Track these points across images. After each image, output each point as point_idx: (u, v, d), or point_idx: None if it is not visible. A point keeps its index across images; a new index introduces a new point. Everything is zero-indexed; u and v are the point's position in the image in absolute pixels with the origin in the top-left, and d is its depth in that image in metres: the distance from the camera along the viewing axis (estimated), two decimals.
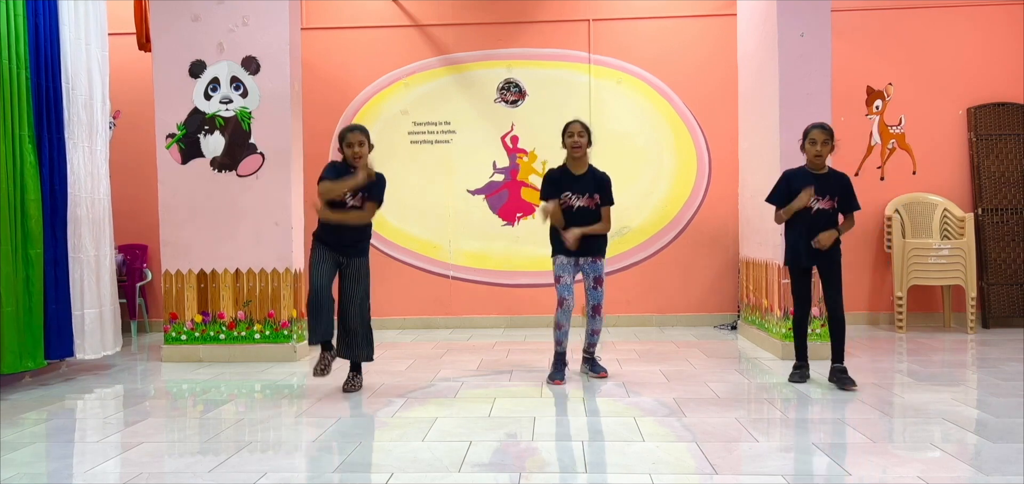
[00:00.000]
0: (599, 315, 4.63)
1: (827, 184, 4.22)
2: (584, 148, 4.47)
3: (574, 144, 4.46)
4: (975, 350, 5.51)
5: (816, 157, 4.20)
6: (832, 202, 4.22)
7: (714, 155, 7.04)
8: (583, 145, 4.46)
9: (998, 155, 6.73)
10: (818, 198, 4.18)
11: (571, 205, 4.47)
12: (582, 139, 4.46)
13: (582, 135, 4.47)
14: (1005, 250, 6.67)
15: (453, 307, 7.17)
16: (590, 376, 4.63)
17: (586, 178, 4.51)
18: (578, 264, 4.58)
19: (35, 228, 4.64)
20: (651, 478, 2.71)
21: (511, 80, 7.15)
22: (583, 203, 4.47)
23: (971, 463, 2.83)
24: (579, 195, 4.47)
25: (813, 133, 4.21)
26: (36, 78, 4.71)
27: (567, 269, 4.54)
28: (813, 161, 4.24)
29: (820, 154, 4.19)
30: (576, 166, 4.52)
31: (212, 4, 5.40)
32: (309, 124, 6.71)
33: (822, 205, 4.20)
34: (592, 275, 4.59)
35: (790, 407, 3.79)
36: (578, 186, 4.48)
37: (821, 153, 4.18)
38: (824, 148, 4.18)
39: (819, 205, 4.19)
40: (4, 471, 2.92)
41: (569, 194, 4.47)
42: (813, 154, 4.20)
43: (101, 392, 4.50)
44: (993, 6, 6.81)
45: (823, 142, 4.17)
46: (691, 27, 7.08)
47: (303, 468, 2.93)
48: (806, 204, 4.17)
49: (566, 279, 4.52)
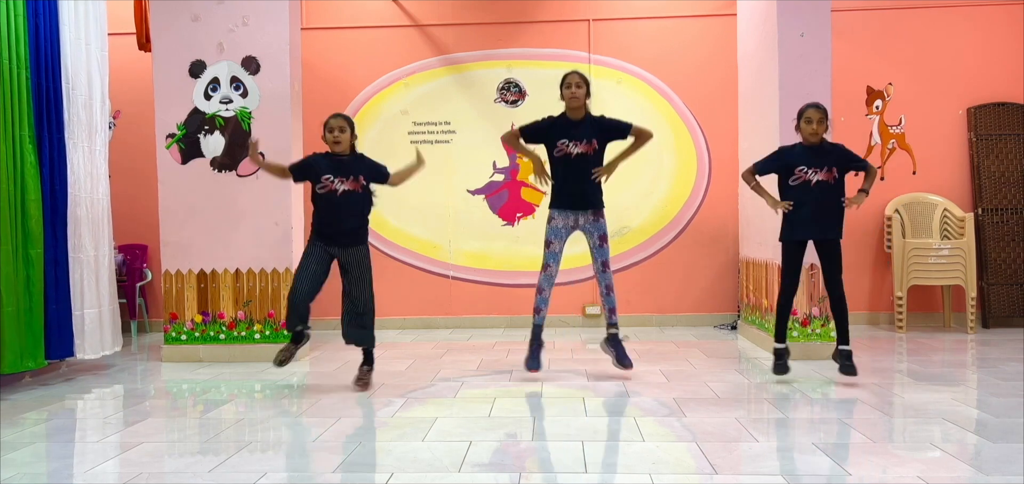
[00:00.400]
0: (609, 270, 4.48)
1: (823, 156, 4.21)
2: (582, 100, 4.36)
3: (573, 96, 4.36)
4: (975, 350, 5.51)
5: (812, 135, 4.21)
6: (831, 173, 4.20)
7: (714, 155, 7.04)
8: (581, 97, 4.36)
9: (998, 155, 6.73)
10: (817, 170, 4.18)
11: (569, 153, 4.37)
12: (581, 90, 4.35)
13: (581, 87, 4.36)
14: (1005, 250, 6.67)
15: (453, 307, 7.17)
16: (615, 366, 4.47)
17: (583, 124, 4.39)
18: (578, 223, 4.46)
19: (35, 228, 4.64)
20: (651, 478, 2.71)
21: (511, 80, 7.15)
22: (582, 149, 4.37)
23: (971, 463, 2.83)
24: (577, 142, 4.37)
25: (808, 112, 4.23)
26: (36, 78, 4.71)
27: (560, 235, 4.45)
28: (809, 139, 4.24)
29: (816, 133, 4.20)
30: (574, 115, 4.42)
31: (212, 4, 5.40)
32: (309, 124, 6.70)
33: (821, 176, 4.18)
34: (596, 234, 4.47)
35: (790, 407, 3.79)
36: (575, 132, 4.37)
37: (817, 131, 4.19)
38: (819, 126, 4.19)
39: (818, 176, 4.18)
40: (4, 471, 2.92)
41: (565, 140, 4.38)
42: (809, 132, 4.21)
43: (101, 392, 4.50)
44: (993, 6, 6.81)
45: (819, 121, 4.19)
46: (691, 27, 7.08)
47: (303, 468, 2.93)
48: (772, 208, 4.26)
49: (556, 246, 4.45)
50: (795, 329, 5.13)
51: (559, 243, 4.47)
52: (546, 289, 4.46)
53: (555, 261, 4.45)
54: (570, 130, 4.37)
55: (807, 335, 5.16)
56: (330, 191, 4.26)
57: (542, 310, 4.51)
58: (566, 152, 4.37)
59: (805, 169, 4.20)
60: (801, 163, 4.22)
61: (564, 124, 4.40)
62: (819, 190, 4.19)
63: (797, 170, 4.22)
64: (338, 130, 4.25)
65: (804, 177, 4.20)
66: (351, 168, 4.29)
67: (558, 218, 4.47)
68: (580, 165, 4.36)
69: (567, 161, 4.37)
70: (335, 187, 4.25)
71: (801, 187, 4.21)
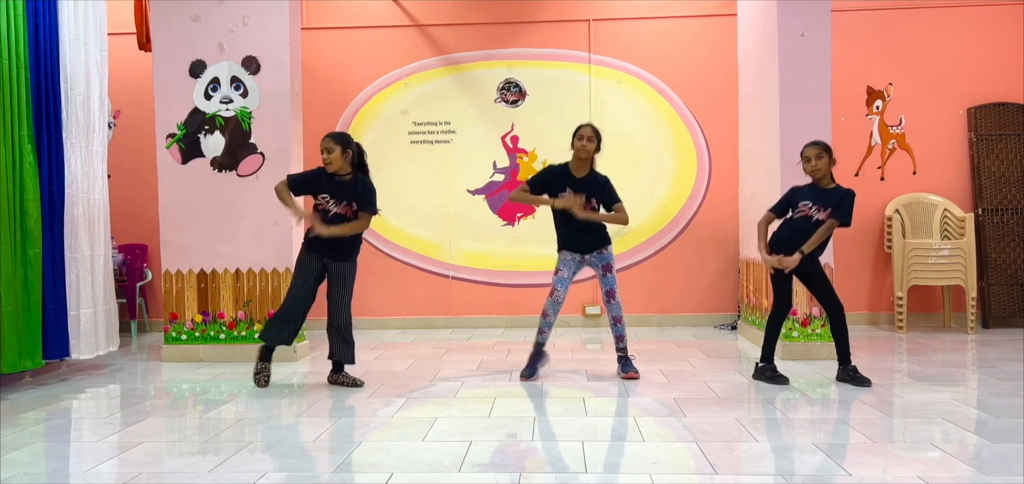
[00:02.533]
0: (614, 299, 4.57)
1: (828, 197, 4.27)
2: (592, 153, 4.46)
3: (583, 147, 4.43)
4: (975, 350, 5.51)
5: (813, 172, 4.28)
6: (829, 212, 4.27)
7: (714, 155, 7.04)
8: (591, 150, 4.45)
9: (998, 155, 6.73)
10: (821, 208, 4.25)
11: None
12: (591, 144, 4.43)
13: (592, 140, 4.44)
14: (1005, 250, 6.67)
15: (453, 307, 7.17)
16: (621, 376, 4.56)
17: (586, 181, 4.48)
18: (583, 260, 4.57)
19: (34, 228, 4.64)
20: (651, 478, 2.71)
21: (511, 80, 7.15)
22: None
23: (971, 463, 2.83)
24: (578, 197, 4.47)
25: (806, 151, 4.32)
26: (35, 78, 4.71)
27: (569, 265, 4.54)
28: (815, 176, 4.31)
29: (816, 169, 4.25)
30: (579, 168, 4.50)
31: (212, 4, 5.40)
32: (309, 124, 6.71)
33: (822, 216, 4.26)
34: (601, 265, 4.56)
35: (790, 407, 3.79)
36: (578, 187, 4.46)
37: (816, 168, 4.25)
38: (818, 162, 4.24)
39: (819, 215, 4.26)
40: (4, 471, 2.92)
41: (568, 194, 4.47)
42: (810, 170, 4.28)
43: (101, 392, 4.50)
44: (993, 6, 6.81)
45: (817, 157, 4.25)
46: (691, 27, 7.08)
47: (303, 468, 2.93)
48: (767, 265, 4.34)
49: (564, 273, 4.53)
50: (795, 329, 5.13)
51: (568, 271, 4.56)
52: (552, 315, 4.55)
53: (563, 286, 4.53)
54: (574, 185, 4.47)
55: (807, 335, 5.15)
56: (324, 210, 4.35)
57: (545, 332, 4.60)
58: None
59: (809, 205, 4.27)
60: (806, 200, 4.29)
61: (569, 177, 4.50)
62: (816, 226, 4.26)
63: (801, 204, 4.29)
64: (326, 151, 4.30)
65: (807, 212, 4.27)
66: (348, 193, 4.34)
67: (568, 254, 4.57)
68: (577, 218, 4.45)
69: (564, 214, 4.48)
70: (328, 208, 4.33)
71: (801, 219, 4.29)
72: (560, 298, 4.51)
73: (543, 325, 4.56)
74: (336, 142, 4.31)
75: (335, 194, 4.33)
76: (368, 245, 7.19)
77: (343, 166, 4.32)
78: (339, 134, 4.37)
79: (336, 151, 4.29)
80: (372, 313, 7.14)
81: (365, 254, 7.17)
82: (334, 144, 4.30)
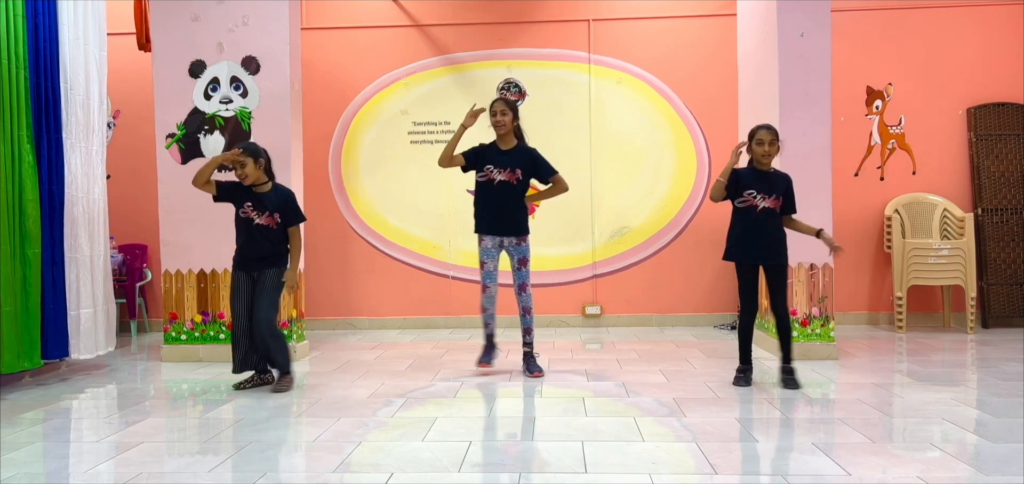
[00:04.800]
0: (526, 292, 4.66)
1: (773, 183, 4.27)
2: (509, 126, 4.57)
3: (497, 122, 4.57)
4: (975, 350, 5.51)
5: (764, 156, 4.26)
6: (777, 201, 4.27)
7: (714, 155, 7.04)
8: (507, 123, 4.56)
9: (998, 155, 6.73)
10: (764, 196, 4.23)
11: (492, 178, 4.57)
12: (506, 117, 4.56)
13: (506, 114, 4.56)
14: (1005, 250, 6.67)
15: (453, 307, 7.17)
16: (527, 376, 4.62)
17: (513, 154, 4.59)
18: (503, 245, 4.64)
19: (33, 228, 4.64)
20: (651, 478, 2.71)
21: (511, 80, 7.15)
22: (504, 177, 4.55)
23: (971, 463, 2.83)
24: (501, 169, 4.55)
25: (760, 133, 4.28)
26: (35, 79, 4.70)
27: (491, 254, 4.63)
28: (761, 160, 4.29)
29: (768, 153, 4.25)
30: (503, 142, 4.62)
31: (212, 4, 5.40)
32: (309, 124, 6.71)
33: (768, 204, 4.24)
34: (518, 257, 4.65)
35: (790, 407, 3.79)
36: (502, 160, 4.57)
37: (768, 153, 4.25)
38: (771, 148, 4.24)
39: (765, 204, 4.24)
40: (4, 471, 2.91)
41: (491, 167, 4.57)
42: (761, 153, 4.26)
43: (101, 392, 4.50)
44: (993, 6, 6.81)
45: (770, 142, 4.24)
46: (691, 27, 7.08)
47: (303, 468, 2.93)
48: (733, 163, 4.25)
49: (489, 265, 4.63)
50: (795, 329, 5.13)
51: (492, 262, 4.63)
52: (490, 307, 4.65)
53: (492, 280, 4.63)
54: (498, 158, 4.59)
55: (807, 335, 5.15)
56: (248, 218, 4.32)
57: (490, 324, 4.71)
58: (490, 177, 4.57)
59: (753, 194, 4.25)
60: (750, 187, 4.26)
61: (495, 151, 4.62)
62: (765, 216, 4.24)
63: (746, 193, 4.26)
64: (239, 166, 4.25)
65: (751, 201, 4.25)
66: (271, 205, 4.33)
67: (487, 240, 4.64)
68: (503, 190, 4.56)
69: (490, 186, 4.58)
70: (252, 217, 4.31)
71: (747, 210, 4.27)
72: (493, 292, 4.62)
73: (485, 319, 4.68)
74: (247, 153, 4.26)
75: (256, 205, 4.31)
76: (368, 245, 7.20)
77: (259, 176, 4.29)
78: (248, 145, 4.31)
79: (249, 164, 4.25)
80: (372, 313, 7.14)
81: (365, 254, 7.19)
82: (244, 157, 4.25)
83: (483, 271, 4.64)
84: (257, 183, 4.31)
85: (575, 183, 7.19)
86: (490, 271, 4.62)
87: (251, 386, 4.39)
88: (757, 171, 4.30)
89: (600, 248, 7.12)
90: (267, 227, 4.32)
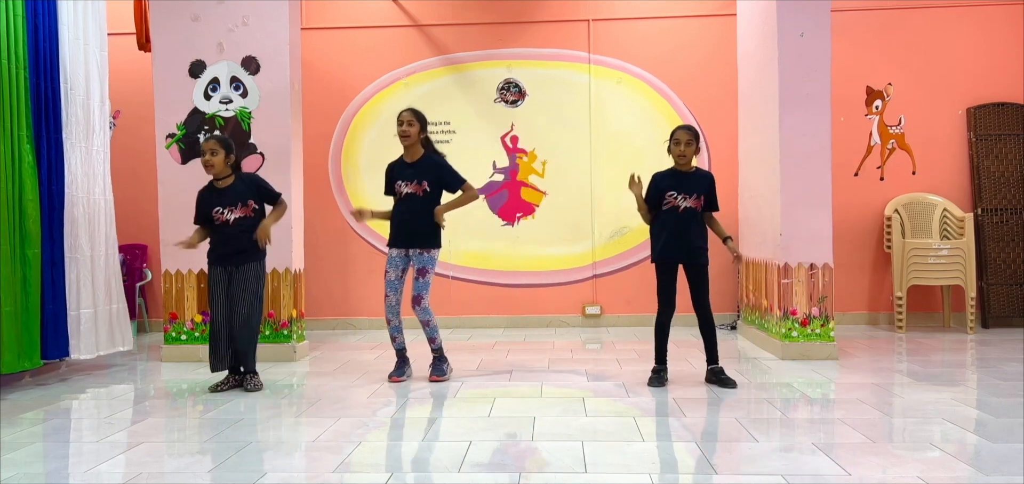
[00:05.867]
0: (421, 306, 4.53)
1: (693, 183, 4.29)
2: (413, 136, 4.51)
3: (403, 132, 4.52)
4: (975, 350, 5.51)
5: (680, 157, 4.28)
6: (698, 201, 4.29)
7: (714, 155, 7.04)
8: (411, 134, 4.51)
9: (998, 155, 6.74)
10: (685, 196, 4.25)
11: (400, 191, 4.55)
12: (412, 128, 4.51)
13: (412, 124, 4.51)
14: (1005, 250, 6.67)
15: (453, 307, 7.16)
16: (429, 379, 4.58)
17: (416, 166, 4.54)
18: (408, 255, 4.59)
19: (33, 229, 4.64)
20: (651, 478, 2.71)
21: (511, 80, 7.15)
22: (410, 189, 4.52)
23: (971, 463, 2.83)
24: (407, 182, 4.52)
25: (677, 134, 4.31)
26: (35, 79, 4.70)
27: (395, 264, 4.59)
28: (678, 161, 4.31)
29: (684, 154, 4.26)
30: (408, 154, 4.58)
31: (212, 4, 5.40)
32: (309, 124, 6.71)
33: (689, 204, 4.26)
34: (417, 266, 4.58)
35: (790, 407, 3.79)
36: (407, 173, 4.54)
37: (685, 153, 4.26)
38: (688, 149, 4.26)
39: (686, 204, 4.26)
40: (4, 471, 2.92)
41: (399, 181, 4.55)
42: (677, 154, 4.29)
43: (101, 392, 4.50)
44: (993, 6, 6.81)
45: (686, 143, 4.26)
46: (691, 27, 7.08)
47: (303, 468, 2.93)
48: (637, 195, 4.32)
49: (391, 274, 4.58)
50: (795, 329, 5.13)
51: (395, 272, 4.58)
52: (393, 318, 4.59)
53: (393, 289, 4.57)
54: (404, 171, 4.57)
55: (807, 335, 5.15)
56: (223, 223, 4.30)
57: (397, 337, 4.64)
58: (400, 191, 4.56)
59: (674, 195, 4.27)
60: (671, 189, 4.28)
61: (401, 166, 4.61)
62: (686, 215, 4.26)
63: (667, 195, 4.29)
64: (210, 153, 4.25)
65: (673, 202, 4.27)
66: (241, 195, 4.31)
67: (392, 251, 4.61)
68: (410, 202, 4.53)
69: (398, 199, 4.57)
70: (227, 218, 4.29)
71: (669, 212, 4.28)
72: (393, 302, 4.55)
73: (391, 331, 4.61)
74: (220, 144, 4.27)
75: (226, 202, 4.30)
76: (368, 245, 7.20)
77: (224, 169, 4.29)
78: (223, 138, 4.33)
79: (220, 154, 4.26)
80: (372, 313, 7.13)
81: (365, 254, 7.19)
82: (218, 146, 4.26)
83: (385, 280, 4.58)
84: (219, 176, 4.30)
85: (575, 183, 7.22)
86: (391, 281, 4.55)
87: (227, 388, 4.37)
88: (677, 172, 4.33)
89: (600, 248, 7.12)
90: (244, 218, 4.31)
